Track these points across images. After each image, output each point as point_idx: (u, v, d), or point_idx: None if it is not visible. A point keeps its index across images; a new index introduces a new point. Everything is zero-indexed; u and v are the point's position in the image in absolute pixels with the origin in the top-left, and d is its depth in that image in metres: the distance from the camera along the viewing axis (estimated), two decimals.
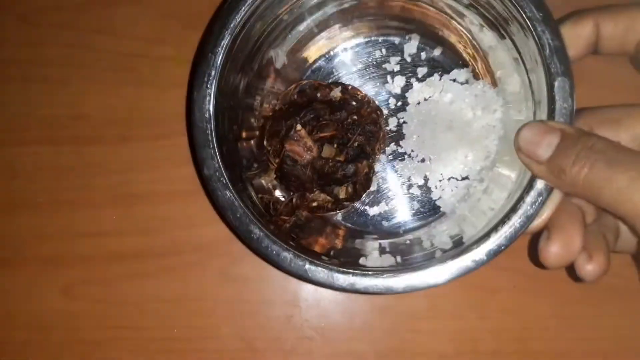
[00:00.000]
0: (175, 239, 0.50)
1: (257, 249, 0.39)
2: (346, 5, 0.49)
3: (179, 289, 0.50)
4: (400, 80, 0.50)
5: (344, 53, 0.51)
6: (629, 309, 0.48)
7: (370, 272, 0.38)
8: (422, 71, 0.50)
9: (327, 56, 0.51)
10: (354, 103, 0.44)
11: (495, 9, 0.43)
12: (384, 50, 0.51)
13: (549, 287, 0.48)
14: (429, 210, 0.49)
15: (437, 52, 0.50)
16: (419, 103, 0.49)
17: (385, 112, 0.49)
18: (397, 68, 0.50)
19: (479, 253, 0.37)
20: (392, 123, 0.49)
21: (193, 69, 0.49)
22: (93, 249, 0.50)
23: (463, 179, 0.48)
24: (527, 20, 0.38)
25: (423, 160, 0.49)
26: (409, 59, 0.50)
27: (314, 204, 0.46)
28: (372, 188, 0.49)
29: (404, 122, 0.49)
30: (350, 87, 0.47)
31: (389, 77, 0.50)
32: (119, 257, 0.50)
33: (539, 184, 0.37)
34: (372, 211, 0.49)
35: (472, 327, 0.49)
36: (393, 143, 0.49)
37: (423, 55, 0.50)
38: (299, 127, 0.43)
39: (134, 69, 0.53)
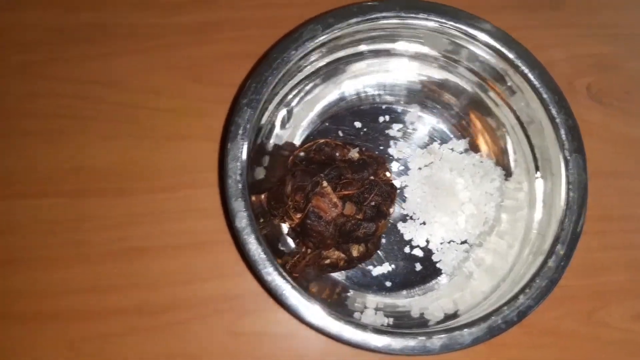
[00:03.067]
0: (176, 294, 0.48)
1: (287, 306, 0.38)
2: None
3: (181, 346, 0.48)
4: (402, 146, 0.52)
5: (349, 116, 0.53)
6: None
7: (405, 333, 0.38)
8: (422, 139, 0.53)
9: (333, 117, 0.53)
10: (375, 165, 0.46)
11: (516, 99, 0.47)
12: (387, 117, 0.53)
13: (555, 342, 0.50)
14: (431, 272, 0.50)
15: (436, 122, 0.53)
16: (420, 168, 0.52)
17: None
18: (399, 134, 0.53)
19: (509, 315, 0.39)
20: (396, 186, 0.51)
21: (228, 121, 0.49)
22: (93, 305, 0.48)
23: (462, 242, 0.50)
24: (542, 102, 0.42)
25: (424, 223, 0.51)
26: (410, 127, 0.53)
27: (327, 261, 0.46)
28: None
29: (406, 186, 0.51)
30: (364, 149, 0.48)
31: (391, 142, 0.53)
32: (119, 313, 0.48)
33: (562, 250, 0.40)
34: (376, 271, 0.50)
35: None
36: (396, 205, 0.51)
37: (424, 124, 0.53)
38: (325, 183, 0.43)
39: (134, 120, 0.52)
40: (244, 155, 0.40)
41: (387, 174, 0.49)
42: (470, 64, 0.49)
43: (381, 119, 0.53)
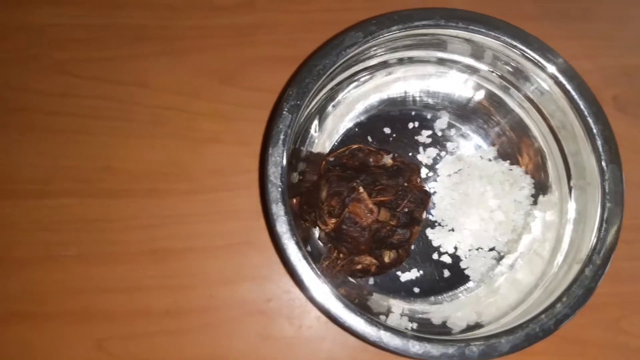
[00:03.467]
0: (206, 296, 0.49)
1: (327, 311, 0.38)
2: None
3: (208, 348, 0.48)
4: (431, 152, 0.53)
5: (379, 122, 0.53)
6: None
7: (444, 340, 0.38)
8: (451, 145, 0.53)
9: (362, 123, 0.53)
10: (409, 172, 0.46)
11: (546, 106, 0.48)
12: (416, 123, 0.53)
13: (582, 350, 0.50)
14: (459, 279, 0.50)
15: (466, 129, 0.53)
16: (449, 175, 0.52)
17: None
18: (428, 140, 0.53)
19: (546, 323, 0.39)
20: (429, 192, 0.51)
21: (268, 126, 0.49)
22: (121, 305, 0.48)
23: (490, 249, 0.51)
24: (579, 113, 0.43)
25: (453, 230, 0.51)
26: (439, 133, 0.53)
27: (358, 266, 0.46)
28: None
29: (435, 192, 0.52)
30: (397, 155, 0.48)
31: (420, 148, 0.53)
32: (148, 314, 0.48)
33: (598, 260, 0.40)
34: (404, 277, 0.50)
35: None
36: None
37: (453, 131, 0.53)
38: (361, 189, 0.43)
39: (166, 123, 0.52)
40: (285, 161, 0.40)
41: (418, 180, 0.49)
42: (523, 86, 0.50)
43: (410, 125, 0.53)
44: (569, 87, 0.44)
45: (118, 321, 0.48)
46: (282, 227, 0.39)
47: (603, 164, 0.42)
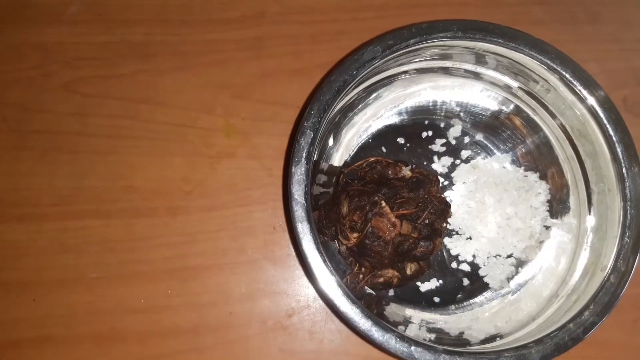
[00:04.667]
0: (231, 313, 0.49)
1: (359, 329, 0.38)
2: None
3: None
4: (446, 161, 0.53)
5: (392, 132, 0.53)
6: None
7: (474, 352, 0.38)
8: (466, 153, 0.53)
9: (375, 133, 0.53)
10: (428, 183, 0.46)
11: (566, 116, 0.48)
12: (429, 132, 0.53)
13: (600, 353, 0.50)
14: (479, 287, 0.50)
15: (479, 136, 0.54)
16: (464, 183, 0.52)
17: None
18: (442, 149, 0.53)
19: (575, 332, 0.39)
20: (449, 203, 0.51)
21: (291, 144, 0.49)
22: (147, 325, 0.48)
23: (508, 256, 0.51)
24: (599, 122, 0.43)
25: (470, 238, 0.51)
26: (453, 142, 0.53)
27: (380, 279, 0.46)
28: None
29: (451, 200, 0.52)
30: (415, 166, 0.48)
31: (435, 157, 0.53)
32: (174, 332, 0.48)
33: (623, 267, 0.40)
34: (424, 287, 0.50)
35: None
36: None
37: (466, 139, 0.53)
38: (383, 203, 0.43)
39: (183, 139, 0.52)
40: (308, 179, 0.40)
41: (437, 190, 0.49)
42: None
43: (424, 134, 0.53)
44: (584, 93, 0.44)
45: (145, 342, 0.48)
46: (309, 245, 0.39)
47: (624, 171, 0.42)
